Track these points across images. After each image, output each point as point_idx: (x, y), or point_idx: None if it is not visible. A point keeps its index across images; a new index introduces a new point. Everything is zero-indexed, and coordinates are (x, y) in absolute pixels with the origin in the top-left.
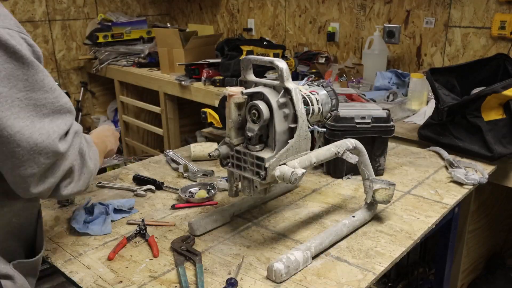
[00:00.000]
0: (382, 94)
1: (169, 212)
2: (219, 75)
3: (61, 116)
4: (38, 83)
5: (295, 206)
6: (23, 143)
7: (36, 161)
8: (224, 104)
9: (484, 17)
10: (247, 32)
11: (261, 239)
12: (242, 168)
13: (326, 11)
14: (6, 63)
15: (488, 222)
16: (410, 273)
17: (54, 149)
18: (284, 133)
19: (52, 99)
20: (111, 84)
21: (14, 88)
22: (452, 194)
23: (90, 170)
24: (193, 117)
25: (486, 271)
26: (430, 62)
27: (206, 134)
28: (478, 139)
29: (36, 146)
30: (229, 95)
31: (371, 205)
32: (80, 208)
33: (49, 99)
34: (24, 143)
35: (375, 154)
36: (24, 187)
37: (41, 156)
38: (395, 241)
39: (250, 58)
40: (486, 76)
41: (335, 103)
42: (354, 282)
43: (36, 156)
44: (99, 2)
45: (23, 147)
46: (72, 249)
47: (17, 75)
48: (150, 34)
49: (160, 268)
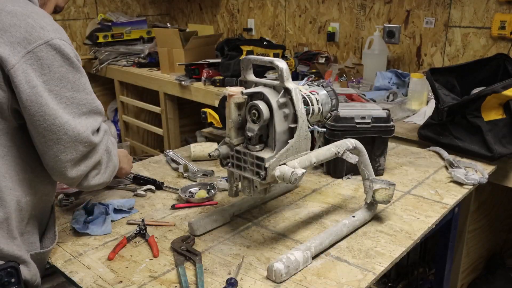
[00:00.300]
0: (382, 94)
1: (169, 212)
2: (219, 75)
3: (95, 116)
4: (82, 85)
5: (295, 206)
6: (69, 132)
7: (76, 148)
8: (224, 104)
9: (484, 17)
10: (247, 32)
11: (261, 239)
12: (242, 168)
13: (326, 11)
14: (61, 67)
15: (488, 222)
16: (410, 273)
17: (91, 140)
18: (284, 133)
19: (90, 100)
20: (111, 84)
21: (64, 87)
22: (452, 194)
23: (114, 165)
24: (193, 117)
25: (486, 271)
26: (430, 62)
27: (206, 134)
28: (478, 139)
29: (78, 135)
30: (229, 95)
31: (371, 205)
32: (80, 208)
33: (88, 100)
34: (70, 132)
35: (375, 154)
36: (62, 171)
37: (80, 145)
38: (395, 241)
39: (250, 58)
40: (486, 76)
41: (335, 103)
42: (354, 282)
43: (77, 144)
44: (99, 2)
45: (69, 135)
46: (72, 249)
47: (67, 77)
48: (150, 34)
49: (160, 268)
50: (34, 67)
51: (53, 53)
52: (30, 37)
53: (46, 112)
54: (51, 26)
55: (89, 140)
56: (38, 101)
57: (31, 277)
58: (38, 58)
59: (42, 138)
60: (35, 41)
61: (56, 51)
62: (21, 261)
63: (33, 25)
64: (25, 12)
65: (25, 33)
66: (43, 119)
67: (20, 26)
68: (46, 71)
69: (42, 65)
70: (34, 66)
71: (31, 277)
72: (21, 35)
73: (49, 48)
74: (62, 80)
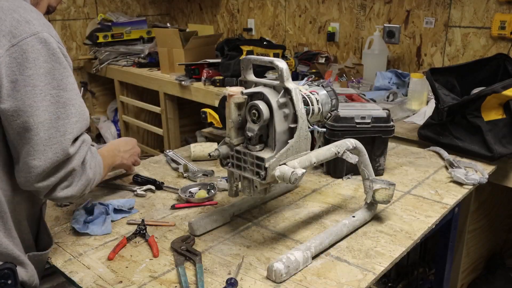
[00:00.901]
0: (382, 94)
1: (169, 212)
2: (219, 75)
3: (80, 122)
4: (70, 85)
5: (295, 206)
6: (41, 133)
7: (45, 153)
8: (224, 104)
9: (484, 17)
10: (247, 32)
11: (261, 239)
12: (242, 168)
13: (326, 11)
14: (46, 62)
15: (488, 222)
16: (410, 273)
17: (64, 148)
18: (284, 133)
19: (79, 103)
20: (111, 84)
21: (49, 84)
22: (452, 194)
23: (88, 179)
24: (193, 117)
25: (486, 271)
26: (430, 62)
27: (206, 134)
28: (478, 139)
29: (50, 139)
30: (229, 95)
31: (371, 205)
32: (80, 208)
33: (76, 102)
34: (42, 133)
35: (375, 154)
36: (27, 177)
37: (50, 151)
38: (395, 241)
39: (250, 58)
40: (486, 76)
41: (335, 103)
42: (354, 282)
43: (47, 149)
44: (99, 2)
45: (40, 137)
46: (72, 249)
47: (53, 73)
48: (150, 34)
49: (160, 268)
50: (19, 61)
51: (38, 46)
52: (15, 30)
53: (20, 108)
54: (38, 21)
55: (62, 147)
56: (14, 96)
57: (28, 278)
58: (23, 51)
59: (16, 136)
60: (20, 35)
61: (42, 44)
62: (19, 262)
63: (18, 19)
64: (11, 7)
65: (10, 26)
66: (17, 115)
67: (6, 20)
68: (31, 65)
69: (27, 59)
70: (18, 60)
71: (28, 278)
72: (6, 29)
73: (34, 41)
74: (47, 76)
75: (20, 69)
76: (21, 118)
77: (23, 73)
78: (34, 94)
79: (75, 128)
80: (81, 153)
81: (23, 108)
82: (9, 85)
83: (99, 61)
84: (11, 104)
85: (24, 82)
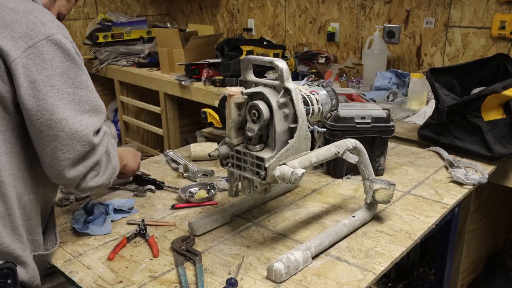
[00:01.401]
0: (382, 94)
1: (169, 212)
2: (219, 75)
3: (97, 115)
4: (84, 83)
5: (295, 206)
6: (66, 129)
7: (74, 146)
8: (224, 104)
9: (484, 17)
10: (247, 32)
11: (261, 239)
12: (242, 168)
13: (326, 11)
14: (62, 62)
15: (488, 222)
16: (410, 273)
17: (90, 139)
18: (284, 133)
19: (93, 98)
20: (111, 84)
21: (65, 83)
22: (452, 194)
23: (114, 167)
24: (193, 117)
25: (486, 271)
26: (430, 62)
27: (206, 134)
28: (478, 139)
29: (76, 133)
30: (229, 95)
31: (371, 205)
32: (80, 208)
33: (90, 97)
34: (67, 128)
35: (375, 154)
36: (59, 170)
37: (78, 143)
38: (395, 241)
39: (250, 58)
40: (486, 76)
41: (335, 103)
42: (354, 282)
43: (75, 142)
44: (99, 2)
45: (66, 132)
46: (72, 249)
47: (69, 73)
48: (150, 34)
49: (160, 268)
50: (36, 62)
51: (54, 48)
52: (31, 32)
53: (43, 106)
54: (53, 23)
55: (87, 139)
56: (35, 96)
57: (28, 278)
58: (39, 52)
59: (39, 134)
60: (36, 36)
61: (57, 46)
62: (20, 261)
63: (34, 21)
64: (27, 9)
65: (27, 28)
66: (40, 114)
67: (22, 22)
68: (48, 66)
69: (43, 60)
70: (35, 61)
71: (28, 278)
72: (22, 31)
73: (50, 43)
74: (64, 76)
75: (38, 69)
76: (44, 116)
77: (41, 73)
78: (53, 93)
79: (95, 121)
80: (104, 143)
81: (45, 106)
82: (29, 85)
83: (99, 61)
84: (33, 104)
85: (43, 82)
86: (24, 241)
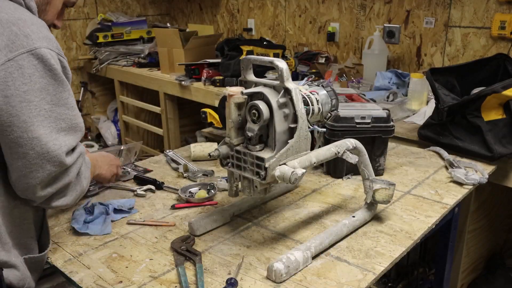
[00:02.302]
0: (382, 94)
1: (169, 212)
2: (219, 75)
3: (74, 133)
4: (63, 100)
5: (295, 206)
6: (37, 148)
7: (43, 166)
8: (224, 104)
9: (484, 17)
10: (247, 32)
11: (261, 239)
12: (242, 168)
13: (326, 11)
14: (42, 78)
15: (488, 222)
16: (410, 273)
17: (61, 159)
18: (284, 133)
19: (71, 116)
20: (111, 84)
21: (43, 100)
22: (452, 194)
23: (82, 189)
24: (193, 117)
25: (486, 271)
26: (430, 62)
27: (206, 134)
28: (478, 139)
29: (47, 153)
30: (229, 95)
31: (371, 205)
32: (80, 208)
33: (69, 115)
34: (38, 147)
35: (375, 154)
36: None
37: (48, 163)
38: (395, 241)
39: (250, 58)
40: (486, 76)
41: (335, 103)
42: (354, 282)
43: (45, 162)
44: (99, 2)
45: (36, 151)
46: (72, 249)
47: (48, 89)
48: (150, 34)
49: (160, 268)
50: (14, 76)
51: (35, 62)
52: (12, 45)
53: (15, 123)
54: (38, 35)
55: (59, 159)
56: (8, 111)
57: (17, 281)
58: (19, 66)
59: (8, 150)
60: (17, 49)
61: (38, 60)
62: (8, 265)
63: (17, 33)
64: (11, 19)
65: (7, 40)
66: (10, 130)
67: (3, 34)
68: (26, 81)
69: (23, 74)
70: (14, 75)
71: (17, 281)
72: (3, 43)
73: (31, 57)
74: (42, 92)
75: (16, 84)
76: (15, 133)
77: (19, 88)
78: (29, 109)
79: (70, 140)
80: (78, 164)
81: (17, 123)
82: (3, 100)
83: (99, 61)
84: (5, 120)
85: (19, 98)
86: (8, 248)
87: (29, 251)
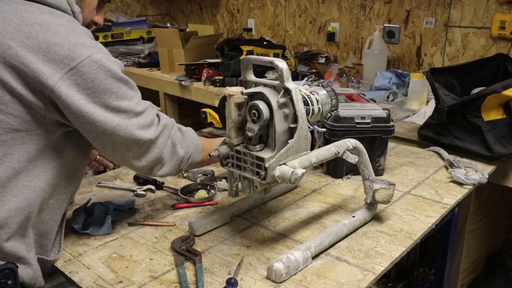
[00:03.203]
0: (382, 94)
1: (169, 212)
2: (219, 75)
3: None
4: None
5: (295, 206)
6: (121, 133)
7: (131, 148)
8: (224, 104)
9: (484, 17)
10: (247, 32)
11: (261, 239)
12: (242, 168)
13: (326, 11)
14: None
15: (488, 222)
16: (410, 273)
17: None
18: (284, 133)
19: (134, 105)
20: None
21: (109, 98)
22: (452, 194)
23: (179, 158)
24: (193, 117)
25: (486, 271)
26: (430, 62)
27: (206, 134)
28: (478, 139)
29: (130, 135)
30: (229, 95)
31: (371, 205)
32: (80, 208)
33: (131, 106)
34: (122, 133)
35: (375, 154)
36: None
37: (134, 144)
38: (395, 241)
39: (250, 58)
40: (486, 76)
41: (335, 103)
42: (354, 282)
43: (131, 144)
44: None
45: (122, 137)
46: (72, 249)
47: (111, 88)
48: (150, 34)
49: (160, 268)
50: (78, 82)
51: (95, 67)
52: (73, 54)
53: (96, 119)
54: (91, 43)
55: (140, 138)
56: (86, 111)
57: (30, 280)
58: (81, 73)
59: (97, 141)
60: (77, 58)
61: (97, 65)
62: (23, 262)
63: (75, 43)
64: (68, 32)
65: (68, 50)
66: (94, 126)
67: (64, 45)
68: (90, 85)
69: (86, 80)
70: (78, 81)
71: (30, 280)
72: (64, 53)
73: (91, 63)
74: (107, 92)
75: (81, 89)
76: (98, 128)
77: (85, 91)
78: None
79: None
80: (164, 135)
81: (97, 119)
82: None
83: None
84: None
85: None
86: (30, 242)
87: (43, 252)
